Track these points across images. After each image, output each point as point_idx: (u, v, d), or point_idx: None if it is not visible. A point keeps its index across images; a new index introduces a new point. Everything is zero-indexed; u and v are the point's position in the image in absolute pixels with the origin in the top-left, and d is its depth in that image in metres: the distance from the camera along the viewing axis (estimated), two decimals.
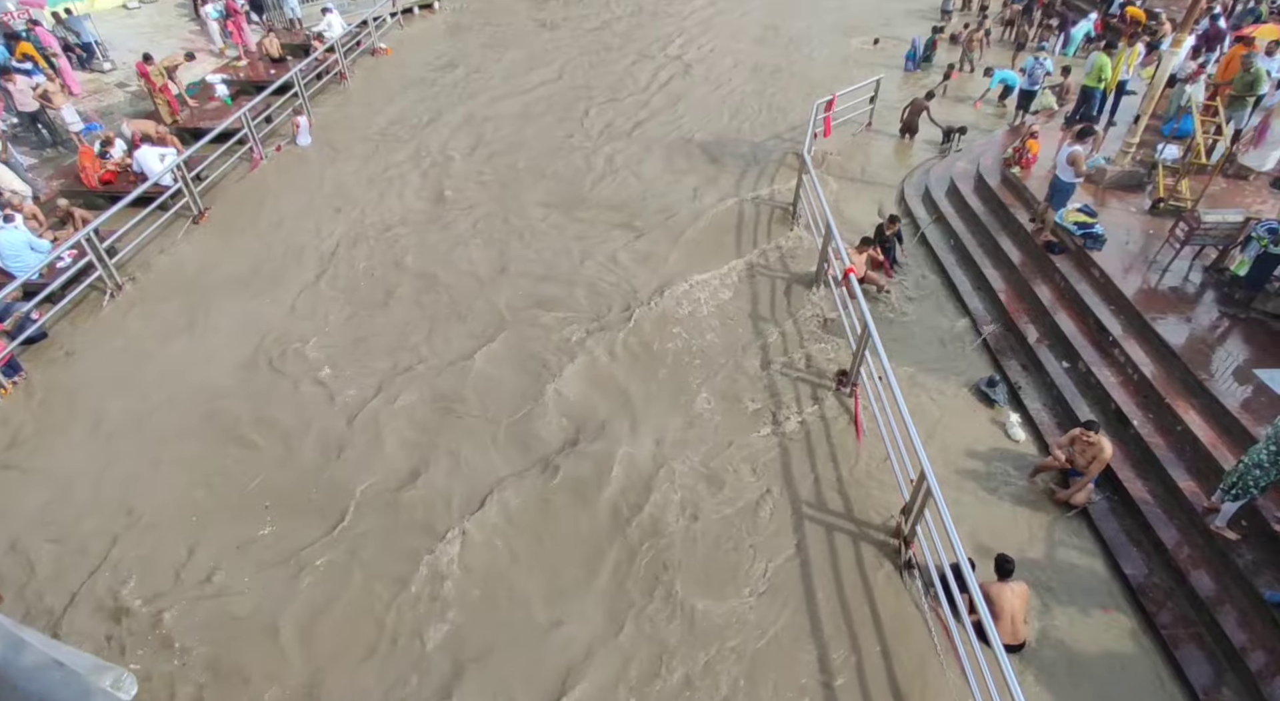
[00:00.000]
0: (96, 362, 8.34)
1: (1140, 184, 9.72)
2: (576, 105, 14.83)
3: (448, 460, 7.01)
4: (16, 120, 12.27)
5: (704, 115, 14.43)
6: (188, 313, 9.08)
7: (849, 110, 13.71)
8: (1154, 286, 8.00)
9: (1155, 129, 10.67)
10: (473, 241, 10.46)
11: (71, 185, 11.14)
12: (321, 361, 8.23)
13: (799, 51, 17.60)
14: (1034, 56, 12.88)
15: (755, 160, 12.81)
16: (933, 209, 11.28)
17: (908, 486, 6.14)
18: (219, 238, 10.71)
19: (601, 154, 12.92)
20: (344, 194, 11.71)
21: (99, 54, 15.39)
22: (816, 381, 8.06)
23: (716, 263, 10.02)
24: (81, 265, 9.12)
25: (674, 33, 18.77)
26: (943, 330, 8.97)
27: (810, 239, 10.44)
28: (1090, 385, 7.50)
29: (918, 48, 16.30)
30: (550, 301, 9.24)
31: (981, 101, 14.64)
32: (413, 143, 13.34)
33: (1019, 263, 9.36)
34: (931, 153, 12.98)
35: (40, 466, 7.00)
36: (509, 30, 19.07)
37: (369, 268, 9.91)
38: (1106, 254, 8.52)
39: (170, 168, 10.67)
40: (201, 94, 14.31)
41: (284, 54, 15.77)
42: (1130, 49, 11.14)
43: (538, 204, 11.38)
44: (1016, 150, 10.76)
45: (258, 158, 12.66)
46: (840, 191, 11.83)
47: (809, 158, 10.74)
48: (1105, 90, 11.10)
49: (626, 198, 11.62)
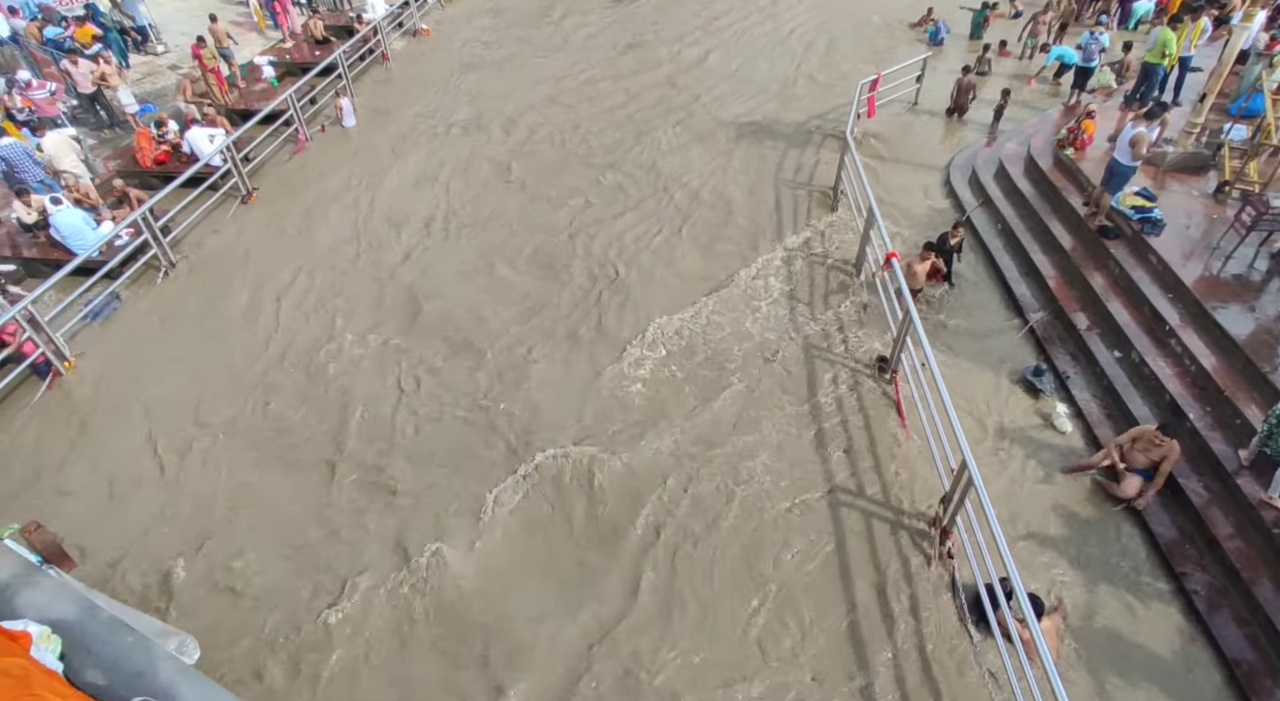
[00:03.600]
0: (150, 338, 8.63)
1: (1204, 166, 9.28)
2: (619, 84, 14.72)
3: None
4: (76, 101, 12.66)
5: (752, 90, 14.23)
6: (236, 290, 9.33)
7: (894, 89, 13.34)
8: (1216, 274, 7.66)
9: (1222, 108, 10.16)
10: (516, 224, 10.51)
11: (127, 166, 11.49)
12: (359, 337, 8.40)
13: (849, 35, 17.16)
14: (1090, 32, 12.35)
15: (797, 141, 12.58)
16: (980, 192, 10.94)
17: (948, 475, 6.03)
18: (267, 217, 10.94)
19: (654, 136, 12.80)
20: (387, 174, 11.84)
21: (153, 37, 15.76)
22: (856, 367, 7.94)
23: (758, 247, 9.90)
24: (138, 243, 9.42)
25: (698, 29, 18.41)
26: (988, 317, 8.74)
27: (852, 221, 10.24)
28: (1144, 376, 7.24)
29: (942, 28, 15.84)
30: (591, 294, 9.27)
31: (1036, 79, 14.11)
32: (454, 123, 13.40)
33: (1070, 248, 9.04)
34: (980, 134, 12.58)
35: (98, 439, 7.32)
36: (551, 7, 18.95)
37: (407, 249, 10.04)
38: (1165, 240, 8.17)
39: (219, 149, 10.92)
40: (249, 76, 14.58)
41: (328, 36, 15.96)
42: (1195, 24, 10.57)
43: (584, 182, 11.40)
44: (1071, 130, 10.35)
45: (303, 139, 12.87)
46: (883, 173, 11.55)
47: (852, 138, 10.50)
48: (1168, 67, 10.58)
49: (674, 174, 11.53)
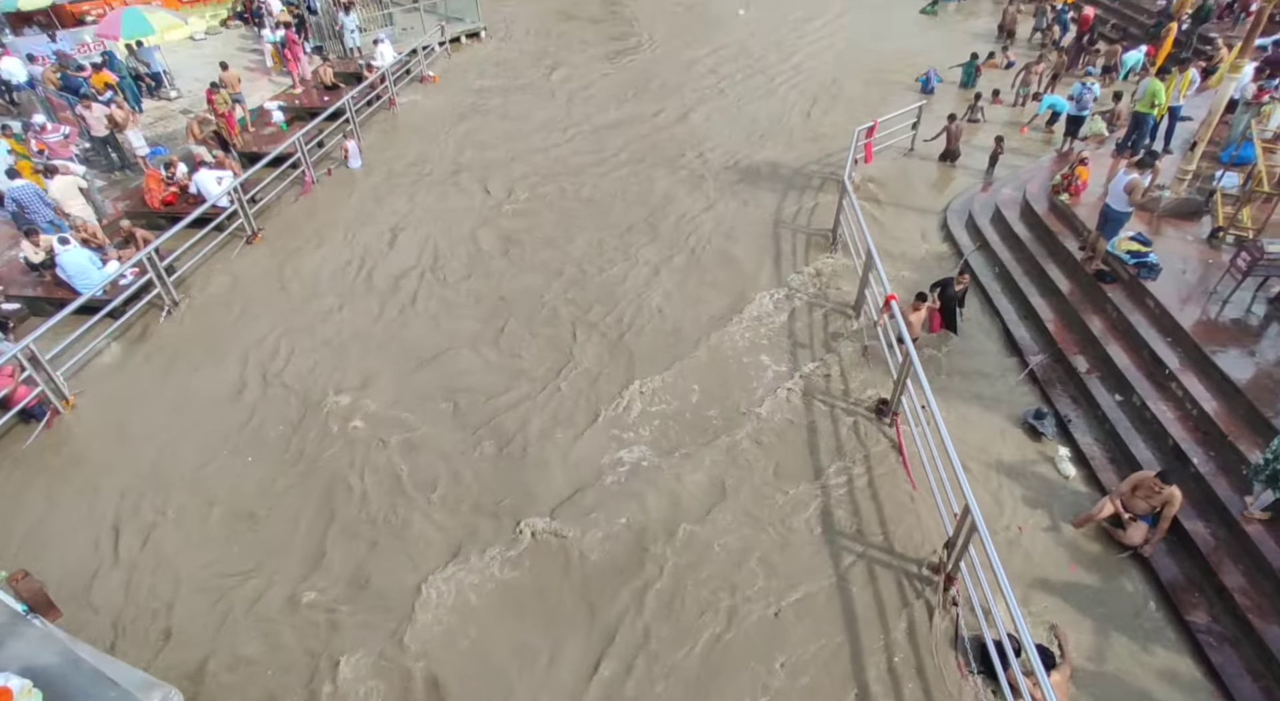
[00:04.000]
0: (149, 379, 8.63)
1: (1197, 212, 9.40)
2: (617, 130, 15.02)
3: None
4: (89, 144, 12.92)
5: (753, 136, 14.50)
6: (232, 336, 9.36)
7: (890, 136, 13.62)
8: (1214, 318, 7.69)
9: (1213, 155, 10.33)
10: (515, 266, 10.60)
11: (136, 207, 11.65)
12: (355, 388, 8.39)
13: (855, 80, 17.58)
14: (1081, 82, 12.64)
15: (795, 185, 12.77)
16: (976, 236, 11.07)
17: (951, 520, 5.95)
18: (270, 257, 11.05)
19: (652, 185, 13.00)
20: (390, 217, 11.99)
21: (166, 83, 16.18)
22: (856, 410, 7.91)
23: (757, 289, 9.97)
24: (142, 282, 9.50)
25: (703, 82, 18.84)
26: (987, 359, 8.74)
27: (851, 264, 10.34)
28: (1145, 420, 7.21)
29: (933, 77, 16.25)
30: (588, 334, 9.30)
31: (1029, 127, 14.41)
32: (456, 167, 13.63)
33: (1068, 292, 9.10)
34: (976, 179, 12.78)
35: (90, 477, 7.25)
36: (554, 58, 19.43)
37: (413, 292, 10.09)
38: (1162, 284, 8.23)
39: (227, 190, 11.09)
40: (259, 120, 14.90)
41: (337, 82, 16.35)
42: (1183, 75, 10.84)
43: (586, 232, 11.45)
44: (1065, 176, 10.52)
45: (309, 181, 13.09)
46: (881, 217, 11.70)
47: (850, 183, 10.67)
48: (1158, 116, 10.81)
49: (669, 221, 11.68)
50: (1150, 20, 17.30)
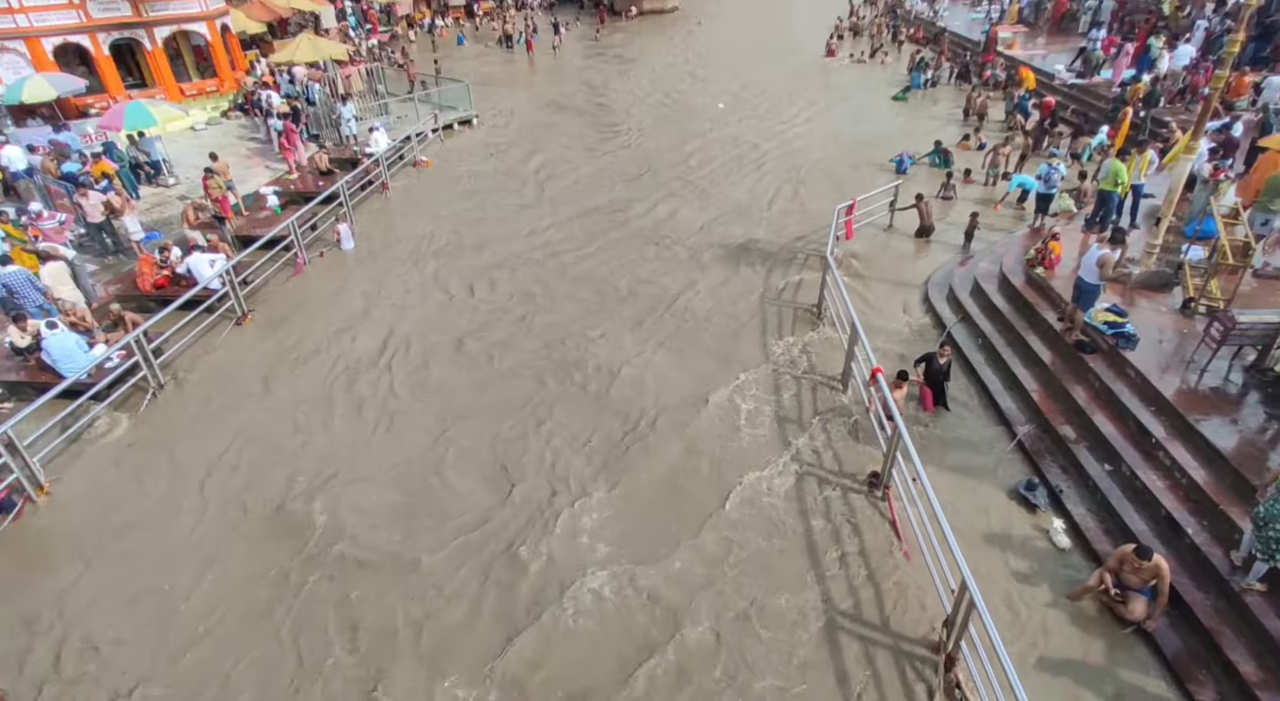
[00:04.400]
0: (127, 468, 8.47)
1: (1168, 284, 9.69)
2: (602, 214, 15.46)
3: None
4: (84, 230, 13.13)
5: (736, 217, 14.95)
6: (221, 415, 9.28)
7: (870, 213, 14.10)
8: (1194, 387, 7.80)
9: (1177, 230, 10.75)
10: (497, 355, 10.58)
11: (127, 290, 11.74)
12: (324, 500, 8.27)
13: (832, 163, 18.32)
14: (1048, 162, 13.25)
15: (779, 261, 13.09)
16: (958, 309, 11.31)
17: (949, 597, 5.82)
18: (259, 340, 11.08)
19: (638, 267, 13.30)
20: (380, 301, 12.09)
21: (165, 170, 16.63)
22: (847, 485, 7.86)
23: (742, 363, 10.06)
24: (128, 365, 9.46)
25: (679, 181, 19.57)
26: (976, 431, 8.77)
27: (836, 338, 10.48)
28: (1136, 489, 7.19)
29: (905, 159, 16.97)
30: (564, 415, 9.30)
31: (1001, 204, 14.97)
32: (444, 251, 13.88)
33: (1050, 362, 9.24)
34: (954, 254, 13.17)
35: (50, 583, 6.99)
36: (543, 146, 20.18)
37: (398, 377, 10.06)
38: (1140, 354, 8.38)
39: (219, 273, 11.23)
40: (254, 205, 15.26)
41: (332, 168, 16.88)
42: (1142, 156, 11.40)
43: (570, 313, 11.56)
44: (1039, 251, 10.86)
45: (301, 262, 13.29)
46: (864, 291, 11.96)
47: (832, 258, 10.96)
48: (1122, 194, 11.29)
49: (655, 299, 11.88)
50: (1107, 105, 18.31)
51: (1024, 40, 26.29)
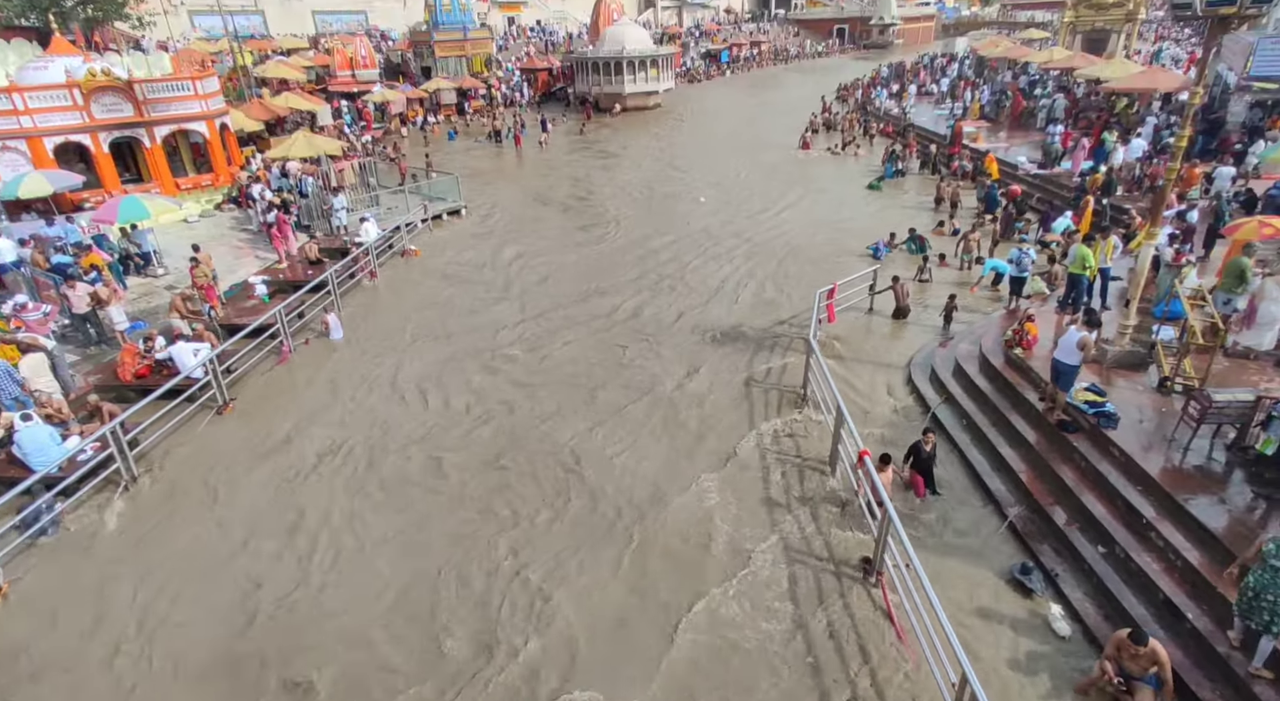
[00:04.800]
0: (92, 566, 8.14)
1: (1143, 363, 9.88)
2: (587, 304, 15.70)
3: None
4: (69, 321, 13.12)
5: (719, 303, 15.21)
6: (197, 510, 9.01)
7: (851, 297, 14.42)
8: (1178, 466, 7.82)
9: (1146, 311, 11.06)
10: (484, 443, 10.47)
11: (107, 380, 11.63)
12: (307, 569, 7.99)
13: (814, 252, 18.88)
14: (1018, 247, 13.76)
15: (764, 346, 13.24)
16: (941, 389, 11.41)
17: (949, 691, 5.58)
18: (238, 431, 10.91)
19: (622, 353, 13.40)
20: (354, 399, 11.86)
21: (155, 261, 16.82)
22: (839, 571, 7.67)
23: (729, 448, 10.01)
24: (101, 457, 9.24)
25: (673, 265, 19.92)
26: (965, 511, 8.67)
27: (822, 421, 10.49)
28: (1132, 572, 7.07)
29: (881, 247, 17.51)
30: (546, 506, 9.13)
31: (977, 287, 15.40)
32: (425, 345, 13.78)
33: (1035, 442, 9.26)
34: (934, 335, 13.41)
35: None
36: (528, 237, 20.60)
37: (378, 472, 9.80)
38: (1123, 433, 8.44)
39: (202, 362, 11.18)
40: (241, 293, 15.38)
41: (322, 257, 17.13)
42: (1106, 241, 11.88)
43: (552, 409, 11.40)
44: (1016, 332, 11.09)
45: (286, 351, 13.28)
46: (848, 373, 12.07)
47: (815, 342, 11.12)
48: (1090, 277, 11.68)
49: (638, 387, 11.91)
50: (1069, 194, 19.22)
51: (987, 134, 27.81)
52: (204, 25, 45.57)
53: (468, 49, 42.84)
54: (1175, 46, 48.64)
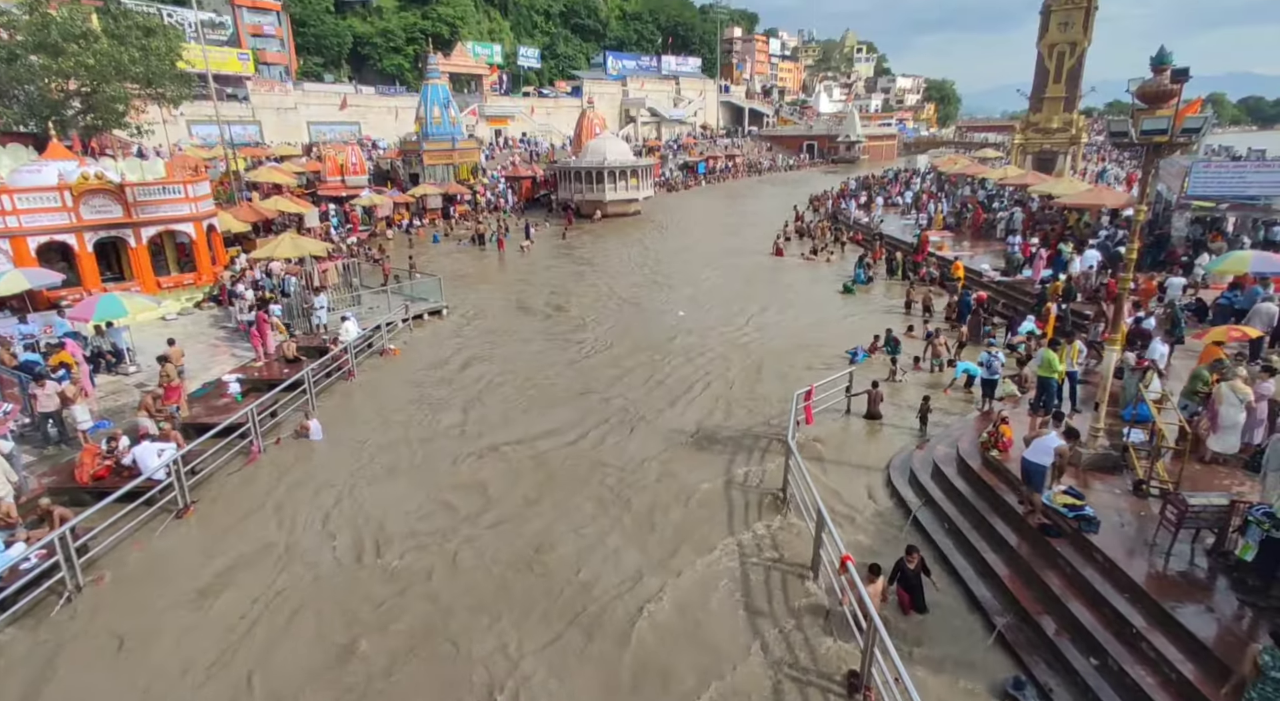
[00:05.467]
0: (16, 689, 7.50)
1: (1117, 466, 9.96)
2: (567, 406, 15.67)
3: None
4: (28, 420, 12.74)
5: (696, 405, 15.23)
6: (140, 625, 8.43)
7: (828, 398, 14.55)
8: (1162, 571, 7.73)
9: (1115, 414, 11.28)
10: (457, 561, 9.98)
11: (63, 482, 11.18)
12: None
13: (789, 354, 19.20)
14: (987, 351, 14.14)
15: (743, 447, 13.18)
16: (921, 492, 11.35)
17: None
18: (198, 535, 10.44)
19: (599, 454, 13.28)
20: (330, 496, 11.52)
21: (127, 359, 16.60)
22: (826, 685, 7.30)
23: (707, 551, 9.74)
24: (46, 566, 8.72)
25: (654, 370, 19.46)
26: (952, 620, 8.41)
27: (803, 526, 10.30)
28: (1127, 686, 6.81)
29: (860, 352, 17.85)
30: (523, 607, 8.74)
31: (950, 389, 15.67)
32: (405, 445, 13.51)
33: (1017, 546, 9.14)
34: (912, 437, 13.47)
35: None
36: (508, 338, 20.65)
37: (343, 578, 9.41)
38: (1105, 537, 8.37)
39: (165, 463, 10.83)
40: (214, 392, 15.14)
41: (299, 355, 17.05)
42: (1070, 346, 12.28)
43: (530, 511, 11.15)
44: (991, 434, 11.20)
45: (256, 451, 12.94)
46: (828, 476, 12.00)
47: (794, 443, 11.10)
48: (1058, 380, 11.98)
49: (616, 485, 11.71)
50: (1031, 300, 20.01)
51: (951, 243, 29.24)
52: (201, 134, 47.39)
53: (455, 158, 44.85)
54: (1117, 167, 52.44)
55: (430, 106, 43.69)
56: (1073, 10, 37.34)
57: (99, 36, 27.05)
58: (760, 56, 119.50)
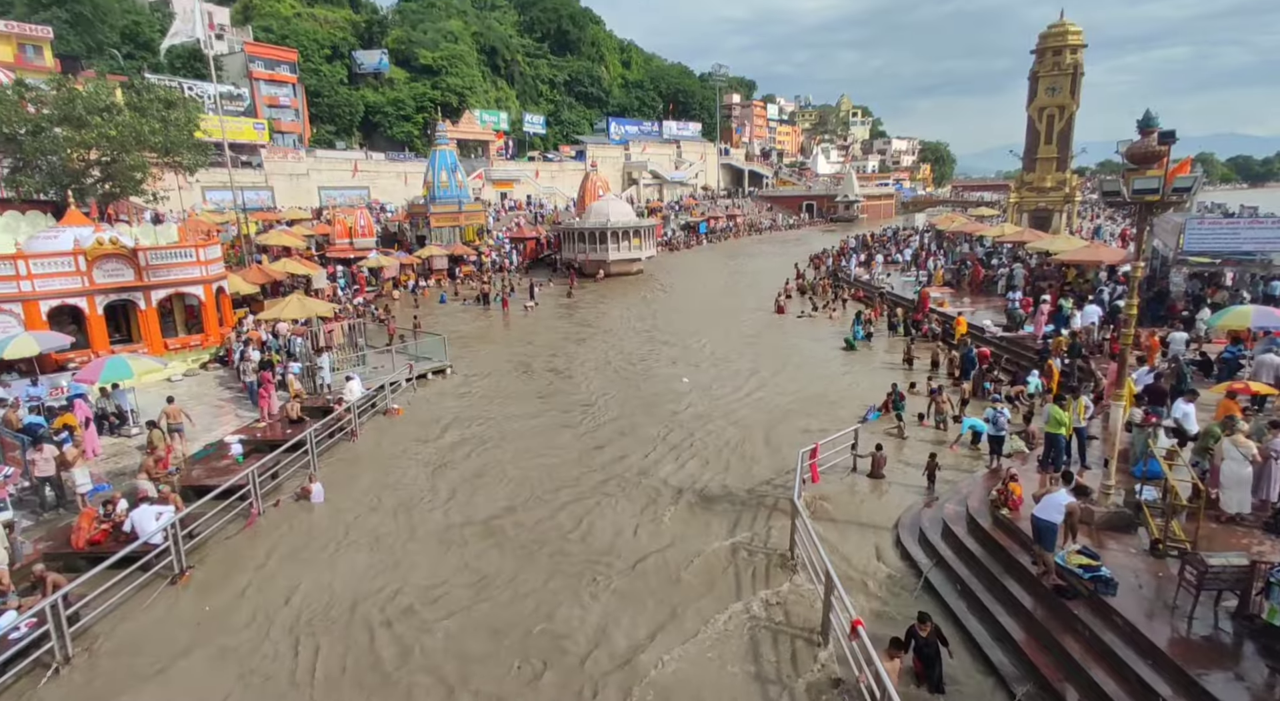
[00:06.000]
0: None
1: (1130, 524, 9.75)
2: (565, 468, 15.52)
3: None
4: (27, 484, 12.65)
5: (700, 465, 15.06)
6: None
7: (834, 456, 14.39)
8: (1185, 636, 7.46)
9: (1126, 471, 11.11)
10: (456, 632, 9.63)
11: (58, 547, 11.02)
12: None
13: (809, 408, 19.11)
14: (993, 407, 14.05)
15: (749, 507, 12.96)
16: (931, 552, 11.09)
17: None
18: (193, 602, 10.21)
19: (603, 513, 13.09)
20: (324, 567, 11.27)
21: (130, 421, 16.59)
22: None
23: (713, 617, 9.47)
24: (35, 636, 8.51)
25: (655, 439, 18.24)
26: (970, 686, 8.08)
27: (812, 586, 10.04)
28: None
29: (872, 411, 17.64)
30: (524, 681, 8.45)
31: (957, 445, 15.50)
32: (406, 508, 13.33)
33: (1033, 608, 8.86)
34: (919, 495, 13.26)
35: None
36: (510, 403, 20.27)
37: (336, 653, 9.07)
38: (1123, 599, 8.13)
39: (162, 527, 10.69)
40: (216, 453, 15.05)
41: (303, 416, 17.01)
42: (1077, 402, 12.20)
43: (529, 579, 10.92)
44: (1000, 492, 11.01)
45: (255, 513, 12.77)
46: (836, 535, 11.75)
47: (800, 503, 10.92)
48: (1066, 436, 11.85)
49: (619, 549, 11.48)
50: (1035, 355, 20.01)
51: (951, 299, 29.45)
52: (215, 199, 48.64)
53: (461, 220, 45.82)
54: (1111, 223, 53.29)
55: (438, 171, 44.92)
56: (1059, 77, 38.61)
57: (122, 109, 28.08)
58: (758, 121, 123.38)
